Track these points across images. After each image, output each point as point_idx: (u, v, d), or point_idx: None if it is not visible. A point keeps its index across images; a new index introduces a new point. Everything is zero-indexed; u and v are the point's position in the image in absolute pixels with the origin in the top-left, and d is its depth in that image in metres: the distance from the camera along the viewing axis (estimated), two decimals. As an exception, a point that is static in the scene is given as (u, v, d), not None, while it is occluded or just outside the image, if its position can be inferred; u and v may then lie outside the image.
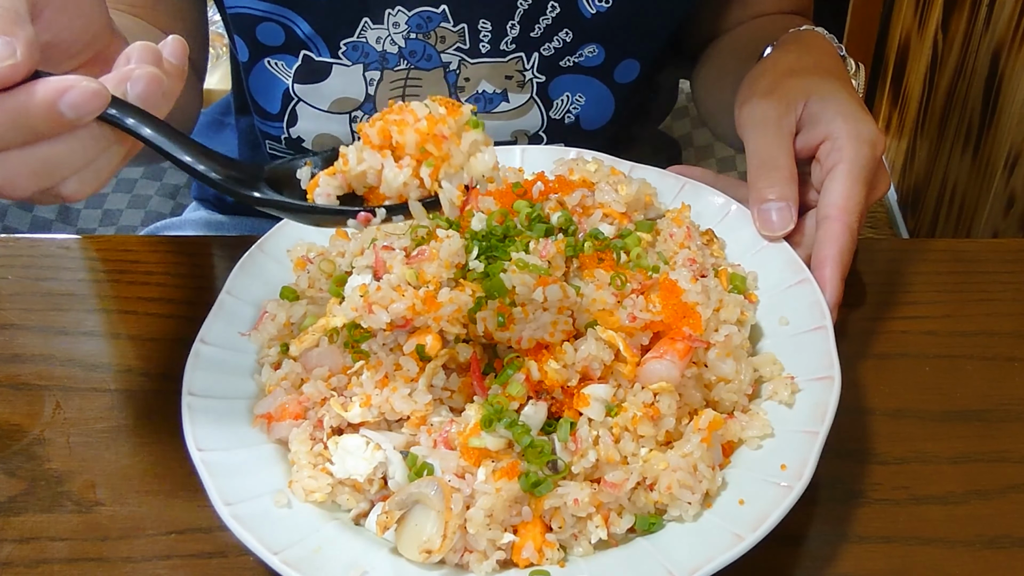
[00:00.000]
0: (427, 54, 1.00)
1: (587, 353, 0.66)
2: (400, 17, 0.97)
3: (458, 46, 0.99)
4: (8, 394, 0.78)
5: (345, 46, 0.99)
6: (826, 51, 0.93)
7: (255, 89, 1.05)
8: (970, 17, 1.85)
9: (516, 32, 0.99)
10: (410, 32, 0.98)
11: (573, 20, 0.99)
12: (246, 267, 0.78)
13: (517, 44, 1.00)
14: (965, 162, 1.90)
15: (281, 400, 0.69)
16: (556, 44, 1.01)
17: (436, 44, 0.99)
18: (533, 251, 0.71)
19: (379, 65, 1.01)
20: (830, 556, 0.66)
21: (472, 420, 0.65)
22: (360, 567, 0.61)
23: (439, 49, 1.00)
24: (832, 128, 0.80)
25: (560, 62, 1.02)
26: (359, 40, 0.98)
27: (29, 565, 0.66)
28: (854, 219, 0.77)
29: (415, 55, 1.00)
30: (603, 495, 0.63)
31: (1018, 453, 0.73)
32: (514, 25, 0.99)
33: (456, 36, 0.99)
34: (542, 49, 1.01)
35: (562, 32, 1.00)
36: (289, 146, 1.09)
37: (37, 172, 0.57)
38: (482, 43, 0.99)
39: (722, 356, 0.69)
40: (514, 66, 1.01)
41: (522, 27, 0.99)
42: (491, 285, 0.69)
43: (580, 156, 0.85)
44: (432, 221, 0.76)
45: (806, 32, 0.94)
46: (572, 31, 1.00)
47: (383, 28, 0.98)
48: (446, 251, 0.71)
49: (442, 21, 0.97)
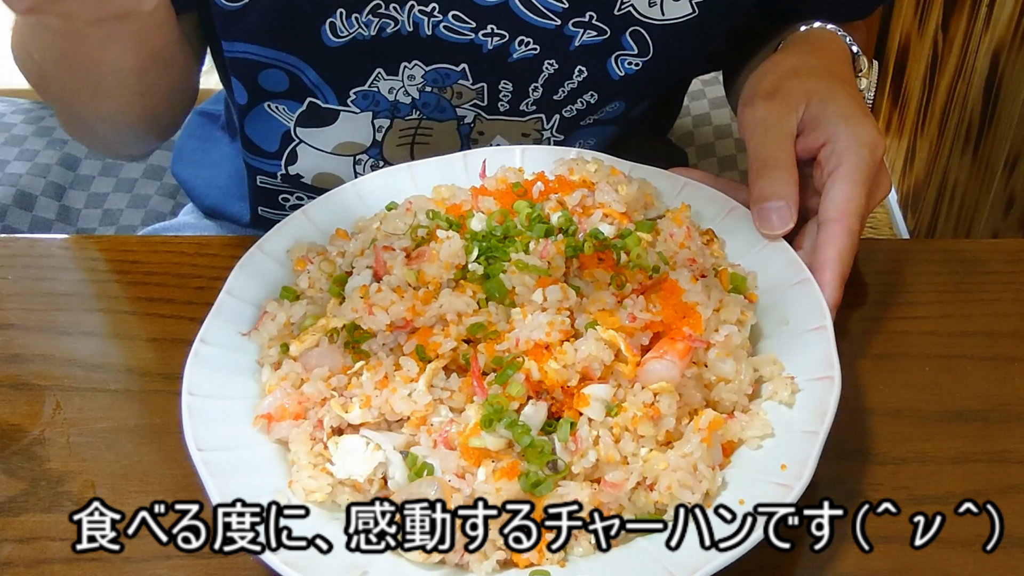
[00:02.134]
0: (441, 107, 0.94)
1: (587, 353, 0.66)
2: (416, 71, 0.91)
3: (475, 103, 0.94)
4: (8, 394, 0.78)
5: (355, 95, 0.93)
6: (833, 51, 0.92)
7: (252, 131, 0.99)
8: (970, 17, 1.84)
9: (538, 95, 0.94)
10: (425, 86, 0.93)
11: (600, 83, 0.94)
12: (246, 267, 0.78)
13: (538, 106, 0.95)
14: (965, 162, 1.90)
15: (281, 400, 0.69)
16: (579, 106, 0.96)
17: (452, 99, 0.94)
18: (533, 251, 0.72)
19: (389, 114, 0.95)
20: (830, 556, 0.66)
21: (472, 420, 0.65)
22: (360, 567, 0.61)
23: (454, 104, 0.94)
24: (833, 131, 0.80)
25: (581, 122, 0.98)
26: (370, 89, 0.93)
27: (29, 565, 0.66)
28: (855, 222, 0.77)
29: (428, 107, 0.94)
30: (603, 495, 0.63)
31: (1018, 453, 0.73)
32: (537, 88, 0.93)
33: (474, 94, 0.93)
34: (563, 111, 0.96)
35: (587, 95, 0.95)
36: (285, 181, 1.03)
37: None
38: (501, 103, 0.94)
39: (722, 356, 0.69)
40: (532, 125, 0.97)
41: (545, 90, 0.94)
42: (491, 286, 0.69)
43: (580, 156, 0.85)
44: (432, 221, 0.76)
45: (817, 31, 0.93)
46: (597, 93, 0.95)
47: (397, 80, 0.92)
48: (446, 252, 0.71)
49: (460, 78, 0.92)
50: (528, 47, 0.90)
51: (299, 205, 1.04)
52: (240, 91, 0.95)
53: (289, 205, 1.06)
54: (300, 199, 1.04)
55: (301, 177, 1.01)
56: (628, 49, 0.92)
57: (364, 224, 0.81)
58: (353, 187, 0.85)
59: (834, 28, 0.94)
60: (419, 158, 0.88)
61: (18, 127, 1.39)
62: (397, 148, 0.99)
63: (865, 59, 0.94)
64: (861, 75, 0.94)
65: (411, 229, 0.75)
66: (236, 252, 0.79)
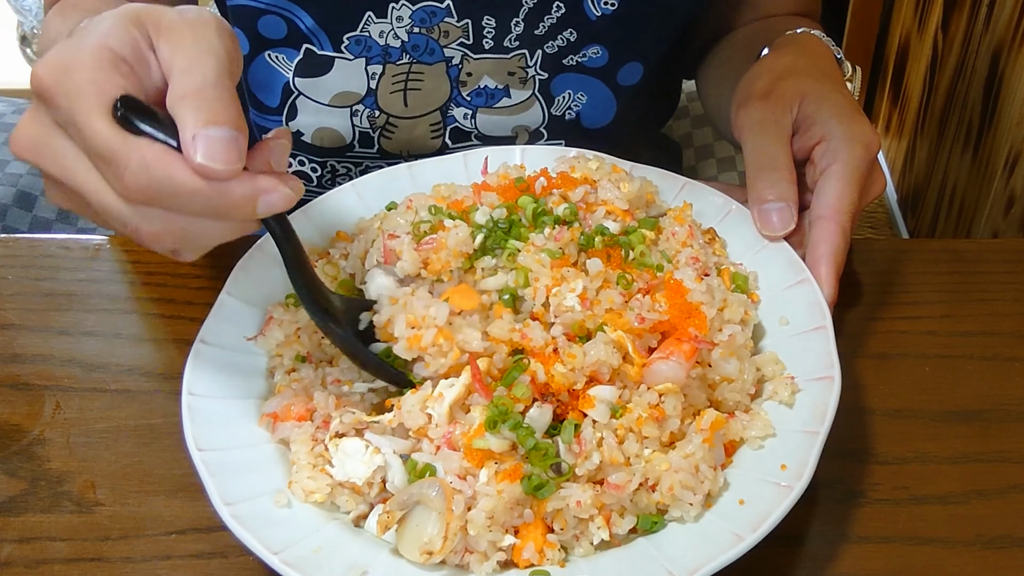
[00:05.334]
0: (430, 48, 0.99)
1: (595, 358, 0.66)
2: (404, 11, 0.97)
3: (461, 41, 0.99)
4: (8, 394, 0.78)
5: (348, 40, 0.98)
6: (822, 54, 0.93)
7: (254, 83, 1.04)
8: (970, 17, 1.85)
9: (520, 29, 0.99)
10: (413, 27, 0.98)
11: (578, 21, 0.99)
12: (246, 267, 0.78)
13: (521, 41, 1.00)
14: (965, 162, 1.90)
15: (289, 401, 0.69)
16: (560, 43, 1.00)
17: (439, 39, 0.99)
18: (548, 236, 0.72)
19: (381, 59, 1.00)
20: (830, 556, 0.66)
21: (476, 422, 0.64)
22: (360, 567, 0.61)
23: (442, 44, 0.99)
24: (826, 129, 0.80)
25: (563, 60, 1.02)
26: (362, 34, 0.98)
27: (29, 565, 0.66)
28: (847, 219, 0.77)
29: (418, 49, 0.99)
30: (605, 496, 0.63)
31: (1018, 453, 0.73)
32: (518, 22, 0.98)
33: (460, 31, 0.98)
34: (545, 47, 1.00)
35: (566, 31, 0.99)
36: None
37: (183, 238, 0.59)
38: (486, 39, 0.99)
39: (726, 356, 0.69)
40: (517, 62, 1.01)
41: (526, 24, 0.98)
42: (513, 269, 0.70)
43: (581, 155, 0.85)
44: (434, 217, 0.76)
45: (803, 35, 0.95)
46: (576, 31, 1.00)
47: (386, 22, 0.97)
48: (454, 240, 0.71)
49: (446, 16, 0.97)
50: None
51: (301, 171, 1.08)
52: (242, 41, 0.99)
53: (292, 170, 1.09)
54: (302, 163, 1.08)
55: (302, 135, 1.05)
56: None
57: (365, 225, 0.81)
58: (353, 187, 0.85)
59: (818, 34, 0.95)
60: (412, 104, 0.92)
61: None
62: (391, 96, 1.02)
63: (848, 64, 0.95)
64: (846, 79, 0.94)
65: (413, 225, 0.75)
66: (236, 252, 0.79)
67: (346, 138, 1.04)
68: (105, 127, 0.56)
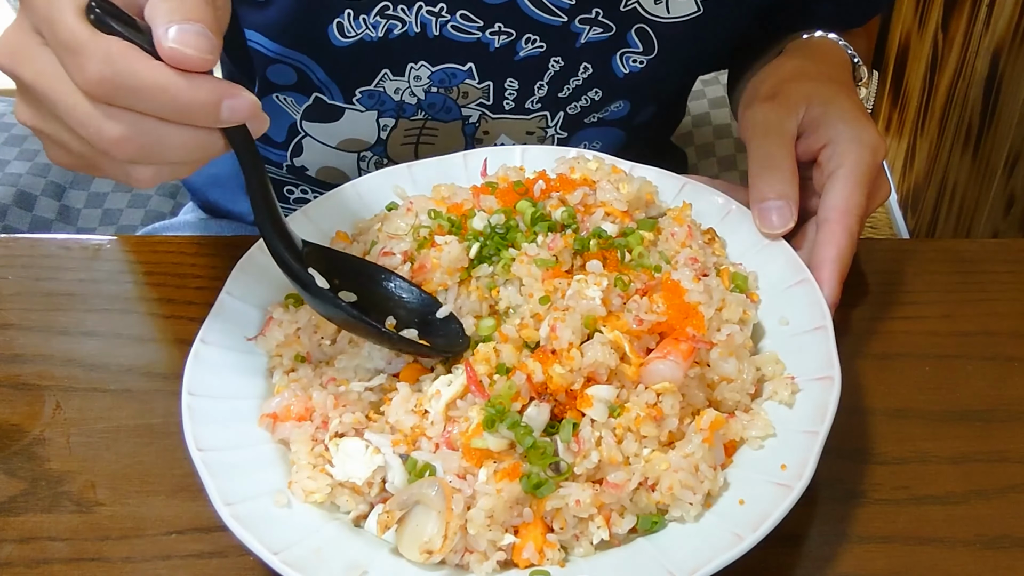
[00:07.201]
0: (447, 107, 0.95)
1: (593, 359, 0.66)
2: (423, 71, 0.92)
3: (481, 102, 0.95)
4: (8, 394, 0.78)
5: (360, 94, 0.94)
6: (832, 59, 0.92)
7: None
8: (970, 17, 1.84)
9: (544, 92, 0.95)
10: (432, 86, 0.93)
11: (604, 80, 0.95)
12: (246, 267, 0.78)
13: (543, 104, 0.96)
14: (965, 162, 1.90)
15: (288, 401, 0.69)
16: (584, 103, 0.97)
17: (458, 99, 0.95)
18: (541, 244, 0.72)
19: (395, 114, 0.96)
20: (830, 556, 0.66)
21: (474, 421, 0.65)
22: (360, 567, 0.61)
23: (460, 104, 0.95)
24: (833, 133, 0.80)
25: (585, 119, 0.99)
26: (376, 89, 0.94)
27: (29, 565, 0.66)
28: (854, 222, 0.77)
29: (434, 108, 0.95)
30: (605, 496, 0.63)
31: (1018, 453, 0.73)
32: (542, 85, 0.94)
33: (480, 92, 0.94)
34: (568, 108, 0.97)
35: (591, 92, 0.96)
36: (290, 173, 1.05)
37: (145, 146, 0.58)
38: (506, 100, 0.95)
39: (725, 355, 0.69)
40: (537, 123, 0.98)
41: (550, 87, 0.95)
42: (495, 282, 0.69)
43: (581, 155, 0.85)
44: (434, 221, 0.76)
45: (818, 39, 0.94)
46: (602, 90, 0.96)
47: (403, 80, 0.93)
48: (447, 257, 0.71)
49: (467, 78, 0.93)
50: (534, 44, 0.91)
51: (303, 199, 1.06)
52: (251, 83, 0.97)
53: (294, 198, 1.08)
54: (304, 192, 1.06)
55: (306, 170, 1.03)
56: (633, 47, 0.92)
57: (365, 225, 0.81)
58: (353, 187, 0.85)
59: (835, 37, 0.94)
60: (423, 157, 0.89)
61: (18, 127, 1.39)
62: (401, 147, 1.00)
63: (865, 69, 0.94)
64: (860, 84, 0.94)
65: (413, 229, 0.75)
66: (236, 252, 0.79)
67: (351, 178, 1.02)
68: (74, 20, 0.56)
